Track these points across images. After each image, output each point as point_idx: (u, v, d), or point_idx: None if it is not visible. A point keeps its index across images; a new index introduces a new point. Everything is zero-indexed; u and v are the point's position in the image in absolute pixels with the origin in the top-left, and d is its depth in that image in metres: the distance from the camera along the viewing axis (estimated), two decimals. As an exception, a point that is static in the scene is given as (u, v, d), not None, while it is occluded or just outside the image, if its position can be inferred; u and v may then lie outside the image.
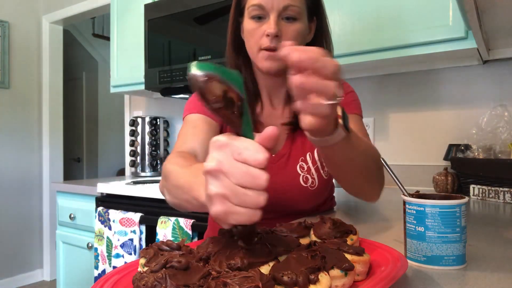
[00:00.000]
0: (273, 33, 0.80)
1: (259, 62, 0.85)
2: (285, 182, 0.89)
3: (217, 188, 0.42)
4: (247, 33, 0.86)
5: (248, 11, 0.84)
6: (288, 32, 0.82)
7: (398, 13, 1.37)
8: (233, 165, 0.41)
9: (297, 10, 0.82)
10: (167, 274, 0.40)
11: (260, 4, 0.81)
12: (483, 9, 0.93)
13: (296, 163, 0.91)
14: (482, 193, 1.25)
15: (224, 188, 0.41)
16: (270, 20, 0.81)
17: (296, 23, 0.83)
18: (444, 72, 1.60)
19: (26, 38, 3.20)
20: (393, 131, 1.72)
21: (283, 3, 0.81)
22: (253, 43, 0.85)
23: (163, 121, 2.47)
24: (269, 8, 0.81)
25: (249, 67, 0.93)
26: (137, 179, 2.12)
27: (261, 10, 0.82)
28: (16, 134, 3.13)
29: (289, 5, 0.81)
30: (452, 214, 0.54)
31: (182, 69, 1.86)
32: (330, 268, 0.45)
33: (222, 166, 0.41)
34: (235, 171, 0.41)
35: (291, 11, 0.81)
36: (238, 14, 0.90)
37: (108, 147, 4.33)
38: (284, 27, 0.82)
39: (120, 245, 1.64)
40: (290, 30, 0.82)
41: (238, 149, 0.42)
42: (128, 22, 2.21)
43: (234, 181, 0.41)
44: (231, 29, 0.92)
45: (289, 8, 0.81)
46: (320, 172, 0.91)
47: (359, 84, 1.77)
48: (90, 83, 4.30)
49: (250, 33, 0.85)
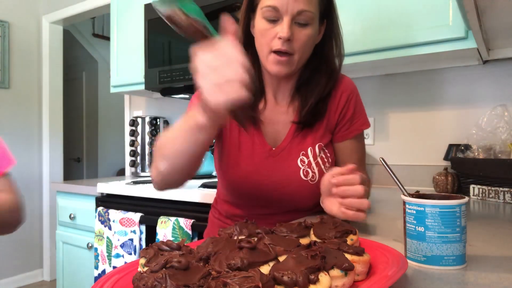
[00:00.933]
0: (286, 37, 0.81)
1: (268, 65, 0.86)
2: (285, 175, 0.90)
3: (205, 68, 0.56)
4: (258, 33, 0.86)
5: (261, 11, 0.84)
6: (300, 37, 0.83)
7: (398, 13, 1.37)
8: (215, 56, 0.56)
9: (310, 15, 0.83)
10: (167, 274, 0.40)
11: (275, 6, 0.81)
12: (483, 9, 0.93)
13: (297, 157, 0.91)
14: (482, 193, 1.25)
15: (212, 67, 0.56)
16: (283, 24, 0.82)
17: (308, 28, 0.84)
18: (444, 72, 1.60)
19: (26, 38, 3.20)
20: (393, 131, 1.72)
21: (298, 8, 0.81)
22: (264, 43, 0.85)
23: (163, 121, 2.47)
24: (283, 11, 0.81)
25: (257, 63, 0.93)
26: (137, 179, 2.12)
27: (275, 12, 0.82)
28: (16, 134, 3.13)
29: (303, 10, 0.82)
30: (452, 214, 0.54)
31: (182, 69, 1.85)
32: (330, 268, 0.45)
33: (207, 59, 0.57)
34: (218, 59, 0.56)
35: (304, 16, 0.82)
36: (250, 9, 0.90)
37: (108, 147, 4.33)
38: (296, 31, 0.83)
39: (120, 245, 1.64)
40: (302, 34, 0.83)
41: (216, 46, 0.57)
42: (128, 22, 2.21)
43: (219, 63, 0.56)
44: (242, 25, 0.92)
45: (303, 13, 0.82)
46: (321, 167, 0.92)
47: (359, 84, 1.76)
48: (90, 83, 4.30)
49: (262, 33, 0.85)
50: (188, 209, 1.52)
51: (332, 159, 0.95)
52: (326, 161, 0.93)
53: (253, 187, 0.90)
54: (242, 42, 0.92)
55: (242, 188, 0.92)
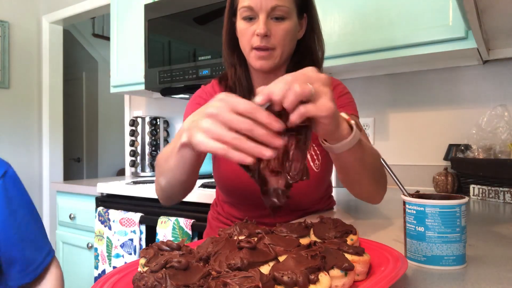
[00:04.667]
0: (262, 33, 0.84)
1: (252, 61, 0.90)
2: None
3: (208, 124, 0.52)
4: (240, 33, 0.91)
5: (239, 12, 0.88)
6: (278, 32, 0.86)
7: (398, 13, 1.37)
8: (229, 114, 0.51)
9: (285, 9, 0.86)
10: (167, 274, 0.40)
11: (249, 5, 0.85)
12: (483, 9, 0.92)
13: None
14: (482, 193, 1.25)
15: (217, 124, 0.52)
16: (259, 21, 0.85)
17: (285, 22, 0.87)
18: (444, 72, 1.60)
19: (26, 38, 3.20)
20: (393, 131, 1.72)
21: (271, 4, 0.84)
22: (245, 42, 0.89)
23: (163, 121, 2.47)
24: (258, 9, 0.85)
25: (244, 64, 0.97)
26: (137, 179, 2.12)
27: (251, 11, 0.86)
28: (16, 134, 3.13)
29: (276, 6, 0.85)
30: (452, 214, 0.54)
31: (182, 69, 1.86)
32: (330, 268, 0.45)
33: (220, 112, 0.51)
34: (231, 117, 0.50)
35: (279, 11, 0.85)
36: (232, 14, 0.94)
37: (108, 147, 4.33)
38: (273, 26, 0.86)
39: (120, 245, 1.64)
40: (279, 29, 0.86)
41: (234, 102, 0.51)
42: (128, 22, 2.21)
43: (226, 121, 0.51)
44: (226, 28, 0.96)
45: (277, 9, 0.85)
46: (310, 165, 0.92)
47: (359, 84, 1.77)
48: (90, 83, 4.30)
49: (242, 33, 0.89)
50: (188, 209, 1.52)
51: (322, 156, 0.94)
52: (316, 159, 0.93)
53: (246, 187, 0.90)
54: (226, 45, 0.96)
55: (236, 188, 0.93)
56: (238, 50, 0.94)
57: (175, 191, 0.80)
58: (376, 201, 0.85)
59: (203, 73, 1.78)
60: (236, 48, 0.95)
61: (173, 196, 0.83)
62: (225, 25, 0.96)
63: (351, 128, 0.63)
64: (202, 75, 1.78)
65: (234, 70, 0.96)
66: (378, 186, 0.80)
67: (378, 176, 0.78)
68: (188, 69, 1.83)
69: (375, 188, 0.80)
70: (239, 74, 0.96)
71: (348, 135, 0.62)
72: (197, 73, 1.80)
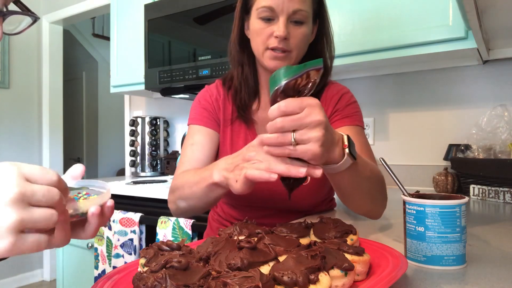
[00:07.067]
0: (282, 36, 0.83)
1: (265, 61, 0.88)
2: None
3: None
4: (254, 32, 0.88)
5: (257, 12, 0.86)
6: (296, 35, 0.85)
7: (398, 13, 1.37)
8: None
9: (305, 14, 0.85)
10: (167, 274, 0.40)
11: (270, 6, 0.83)
12: (483, 9, 0.92)
13: None
14: (482, 193, 1.25)
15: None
16: (279, 23, 0.84)
17: (303, 27, 0.86)
18: (444, 72, 1.60)
19: (26, 38, 3.19)
20: (393, 131, 1.72)
21: (293, 7, 0.83)
22: (260, 42, 0.87)
23: (163, 121, 2.47)
24: (279, 11, 0.83)
25: (252, 63, 0.95)
26: (137, 179, 2.12)
27: (271, 12, 0.84)
28: (16, 134, 3.13)
29: (298, 10, 0.84)
30: (452, 214, 0.54)
31: (182, 69, 1.86)
32: (330, 268, 0.45)
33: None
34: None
35: (299, 15, 0.84)
36: (244, 12, 0.92)
37: (108, 147, 4.33)
38: (292, 30, 0.85)
39: (120, 245, 1.64)
40: (298, 33, 0.86)
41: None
42: (128, 22, 2.21)
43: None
44: (237, 26, 0.94)
45: (298, 13, 0.84)
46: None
47: (359, 84, 1.77)
48: (90, 83, 4.29)
49: (257, 33, 0.87)
50: (188, 209, 1.52)
51: None
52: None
53: None
54: (237, 43, 0.94)
55: None
56: (248, 48, 0.93)
57: (194, 212, 0.85)
58: (374, 217, 0.84)
59: (203, 73, 1.78)
60: (246, 47, 0.93)
61: (189, 214, 0.89)
62: (237, 23, 0.94)
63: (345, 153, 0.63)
64: (202, 75, 1.78)
65: (242, 69, 0.95)
66: (375, 205, 0.79)
67: (375, 195, 0.78)
68: (188, 69, 1.83)
69: (372, 207, 0.80)
70: (247, 73, 0.94)
71: (339, 158, 0.62)
72: (197, 73, 1.80)
